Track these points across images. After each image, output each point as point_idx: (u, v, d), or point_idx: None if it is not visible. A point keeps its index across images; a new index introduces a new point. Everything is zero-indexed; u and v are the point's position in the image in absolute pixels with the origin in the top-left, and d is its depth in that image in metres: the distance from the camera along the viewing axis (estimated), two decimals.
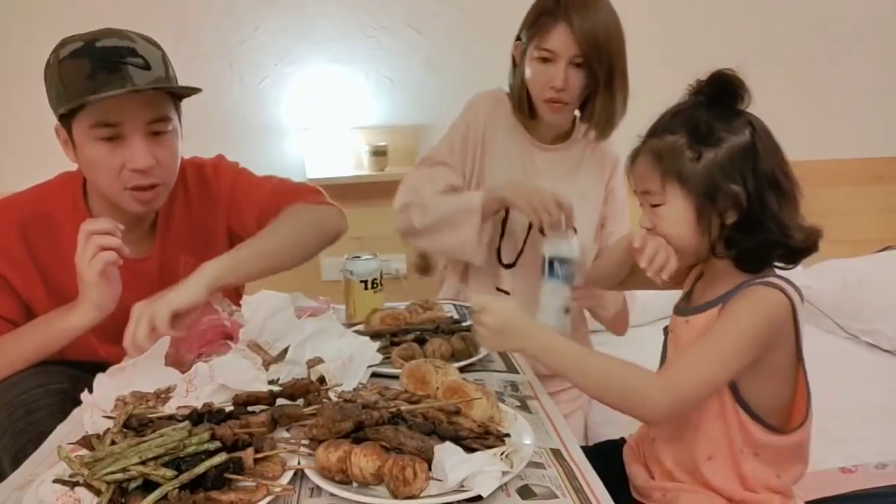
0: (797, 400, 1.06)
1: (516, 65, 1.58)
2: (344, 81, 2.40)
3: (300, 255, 1.31)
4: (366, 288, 1.36)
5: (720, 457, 1.06)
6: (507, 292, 1.60)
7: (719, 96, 1.05)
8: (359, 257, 1.38)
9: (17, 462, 0.99)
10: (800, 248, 1.05)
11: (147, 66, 1.21)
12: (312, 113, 2.39)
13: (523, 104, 1.60)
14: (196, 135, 2.26)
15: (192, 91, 1.27)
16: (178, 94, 1.29)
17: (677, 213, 1.05)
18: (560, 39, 1.47)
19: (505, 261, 1.61)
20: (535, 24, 1.52)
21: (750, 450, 1.05)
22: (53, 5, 2.22)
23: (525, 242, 1.61)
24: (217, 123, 2.35)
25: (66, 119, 1.22)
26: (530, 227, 1.60)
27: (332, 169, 2.37)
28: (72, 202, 1.33)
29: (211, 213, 1.41)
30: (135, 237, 1.35)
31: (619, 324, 1.70)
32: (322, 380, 1.00)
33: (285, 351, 1.09)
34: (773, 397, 1.05)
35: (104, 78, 1.16)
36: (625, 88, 1.54)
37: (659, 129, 1.08)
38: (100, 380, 1.02)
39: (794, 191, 1.04)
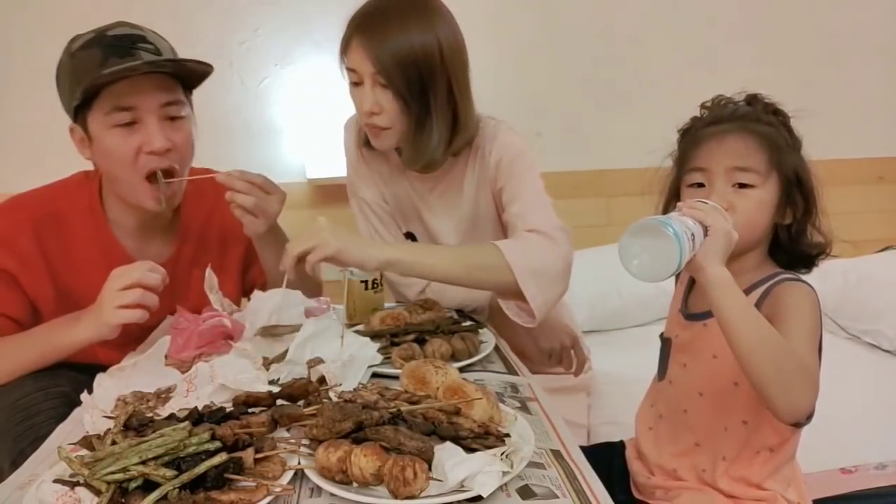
0: None
1: None
2: (344, 81, 2.39)
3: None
4: (366, 288, 1.36)
5: (736, 458, 1.07)
6: None
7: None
8: None
9: (17, 465, 0.98)
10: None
11: (158, 53, 1.23)
12: (312, 113, 2.39)
13: (360, 133, 1.45)
14: (196, 135, 2.28)
15: (205, 69, 1.28)
16: (188, 86, 1.31)
17: (768, 200, 1.04)
18: (355, 57, 1.31)
19: None
20: (343, 40, 1.35)
21: (766, 450, 1.05)
22: (53, 6, 2.21)
23: None
24: (217, 123, 2.34)
25: (81, 113, 1.22)
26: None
27: (332, 169, 2.37)
28: (87, 203, 1.33)
29: (233, 219, 1.38)
30: (153, 238, 1.36)
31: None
32: (322, 380, 1.00)
33: (285, 351, 1.09)
34: None
35: (116, 62, 1.18)
36: (446, 116, 1.32)
37: (751, 115, 1.07)
38: (100, 380, 1.03)
39: None
